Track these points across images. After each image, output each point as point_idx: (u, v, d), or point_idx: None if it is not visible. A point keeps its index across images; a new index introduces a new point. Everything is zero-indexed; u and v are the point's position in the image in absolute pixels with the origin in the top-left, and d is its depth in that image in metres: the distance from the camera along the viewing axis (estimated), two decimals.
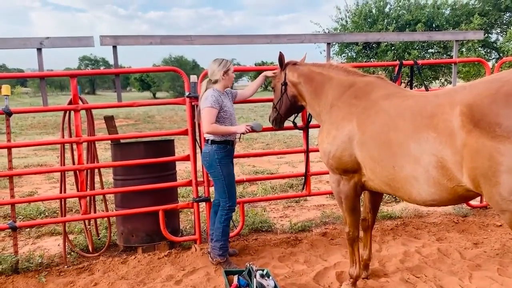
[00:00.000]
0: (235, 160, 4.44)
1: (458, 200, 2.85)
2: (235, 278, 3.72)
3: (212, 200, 4.58)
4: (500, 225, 5.11)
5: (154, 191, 4.67)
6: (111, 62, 4.94)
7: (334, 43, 20.19)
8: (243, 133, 4.10)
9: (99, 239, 5.04)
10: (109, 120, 4.79)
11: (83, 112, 4.60)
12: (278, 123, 4.30)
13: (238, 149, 12.33)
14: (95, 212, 4.98)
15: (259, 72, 4.88)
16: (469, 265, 4.06)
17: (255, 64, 53.99)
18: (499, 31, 21.73)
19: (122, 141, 5.03)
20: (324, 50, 5.42)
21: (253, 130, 4.12)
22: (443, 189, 2.73)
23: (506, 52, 19.47)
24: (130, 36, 4.73)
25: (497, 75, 2.61)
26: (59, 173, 5.03)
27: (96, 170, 4.89)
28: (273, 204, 6.69)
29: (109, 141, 5.12)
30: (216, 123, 4.03)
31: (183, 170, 8.49)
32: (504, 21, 21.16)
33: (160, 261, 4.47)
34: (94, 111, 4.83)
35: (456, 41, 5.92)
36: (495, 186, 2.36)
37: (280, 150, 11.25)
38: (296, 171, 8.76)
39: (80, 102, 4.53)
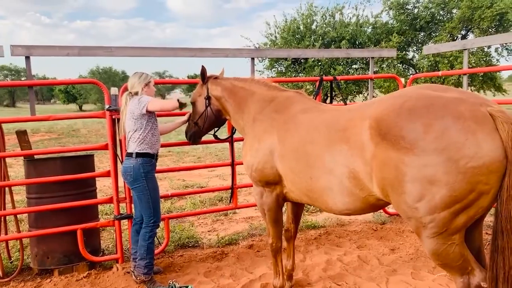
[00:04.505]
0: (164, 174, 4.32)
1: (370, 208, 3.00)
2: None
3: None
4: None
5: (72, 209, 4.43)
6: (33, 72, 4.65)
7: (264, 58, 20.61)
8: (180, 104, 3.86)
9: (11, 262, 4.67)
10: (22, 134, 4.48)
11: None
12: (196, 138, 4.20)
13: (168, 162, 12.10)
14: (6, 233, 4.61)
15: (191, 84, 4.78)
16: (386, 271, 4.27)
17: (188, 76, 53.57)
18: (415, 49, 23.40)
19: (36, 157, 4.73)
20: (256, 64, 5.51)
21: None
22: (356, 199, 2.86)
23: (421, 69, 21.01)
24: (44, 46, 4.50)
25: (403, 91, 2.79)
26: None
27: (8, 189, 4.55)
28: (202, 218, 6.61)
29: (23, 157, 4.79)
30: (146, 130, 3.94)
31: (107, 186, 8.15)
32: (420, 40, 22.86)
33: (78, 283, 4.23)
34: (11, 125, 4.51)
35: (372, 58, 6.31)
36: (401, 195, 2.50)
37: (211, 163, 11.17)
38: (226, 184, 8.66)
39: None
